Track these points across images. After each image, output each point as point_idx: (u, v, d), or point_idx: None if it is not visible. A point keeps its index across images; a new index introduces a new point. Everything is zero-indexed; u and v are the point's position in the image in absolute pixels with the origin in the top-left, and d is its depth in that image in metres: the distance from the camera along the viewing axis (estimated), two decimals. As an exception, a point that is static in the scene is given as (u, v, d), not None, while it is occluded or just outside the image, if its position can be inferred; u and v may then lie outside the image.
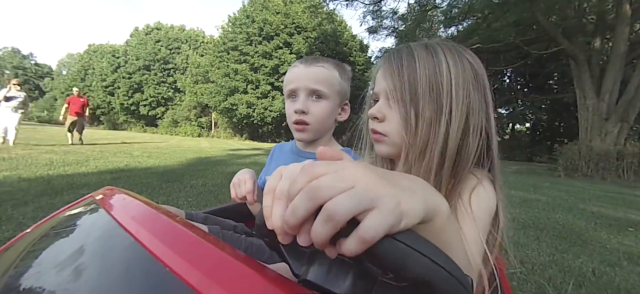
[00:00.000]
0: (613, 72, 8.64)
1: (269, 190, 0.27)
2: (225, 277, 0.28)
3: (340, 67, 0.89)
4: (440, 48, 0.51)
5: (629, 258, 2.09)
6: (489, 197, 0.49)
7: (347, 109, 0.92)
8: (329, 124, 0.89)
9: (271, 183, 0.27)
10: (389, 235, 0.22)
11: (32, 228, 0.58)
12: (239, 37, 23.42)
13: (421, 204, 0.25)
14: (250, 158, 7.75)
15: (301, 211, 0.22)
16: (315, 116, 0.84)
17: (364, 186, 0.23)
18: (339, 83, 0.87)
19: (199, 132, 29.66)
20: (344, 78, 0.89)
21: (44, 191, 2.69)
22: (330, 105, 0.85)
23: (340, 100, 0.89)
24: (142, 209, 0.46)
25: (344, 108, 0.91)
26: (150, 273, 0.32)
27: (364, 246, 0.21)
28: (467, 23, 13.11)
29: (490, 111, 0.52)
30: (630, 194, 5.42)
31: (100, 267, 0.37)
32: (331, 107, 0.86)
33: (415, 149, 0.50)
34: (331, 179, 0.23)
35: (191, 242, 0.35)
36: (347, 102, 0.92)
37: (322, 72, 0.84)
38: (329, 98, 0.85)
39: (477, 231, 0.46)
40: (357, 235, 0.21)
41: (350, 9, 56.56)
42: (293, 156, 0.94)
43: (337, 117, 0.90)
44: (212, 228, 0.73)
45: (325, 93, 0.84)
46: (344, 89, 0.89)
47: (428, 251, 0.23)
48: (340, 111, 0.90)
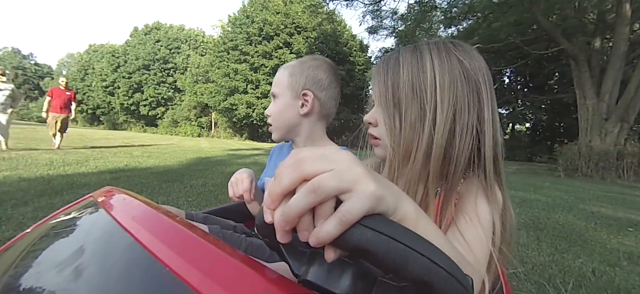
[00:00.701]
0: (613, 72, 8.63)
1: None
2: (225, 277, 0.28)
3: (294, 64, 0.91)
4: (428, 49, 0.51)
5: (629, 258, 2.09)
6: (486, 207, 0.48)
7: (309, 99, 0.88)
8: (287, 119, 0.90)
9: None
10: (389, 235, 0.23)
11: (32, 228, 0.58)
12: (239, 37, 23.43)
13: (396, 198, 0.26)
14: (250, 158, 7.75)
15: (286, 181, 0.23)
16: (272, 114, 0.91)
17: (346, 167, 0.24)
18: (287, 78, 0.89)
19: (199, 132, 29.67)
20: (296, 72, 0.89)
21: (44, 191, 2.69)
22: (282, 101, 0.89)
23: (293, 93, 0.88)
24: (142, 209, 0.46)
25: (305, 99, 0.88)
26: (150, 273, 0.32)
27: (343, 227, 0.22)
28: (467, 23, 13.12)
29: (486, 110, 0.49)
30: (630, 194, 5.42)
31: (100, 267, 0.37)
32: (283, 103, 0.89)
33: (398, 153, 0.49)
34: (315, 156, 0.24)
35: (191, 242, 0.35)
36: (306, 92, 0.88)
37: (277, 76, 0.92)
38: (279, 96, 0.90)
39: (482, 236, 0.45)
40: (337, 217, 0.22)
41: (350, 9, 56.64)
42: None
43: (299, 111, 0.89)
44: (212, 227, 0.73)
45: (276, 92, 0.90)
46: (295, 81, 0.88)
47: (427, 251, 0.23)
48: (301, 104, 0.88)
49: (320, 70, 0.90)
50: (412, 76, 0.49)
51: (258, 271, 0.28)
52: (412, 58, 0.51)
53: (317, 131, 0.93)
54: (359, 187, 0.23)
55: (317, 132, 0.93)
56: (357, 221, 0.22)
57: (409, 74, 0.50)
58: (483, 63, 0.52)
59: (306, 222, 0.24)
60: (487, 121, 0.49)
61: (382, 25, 14.42)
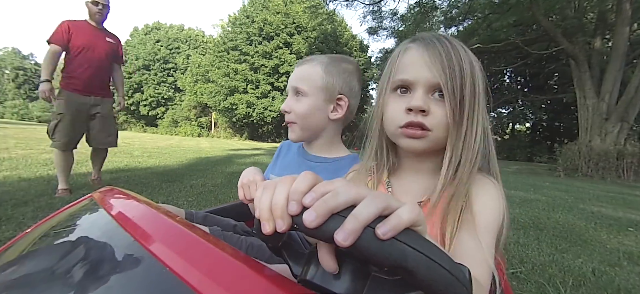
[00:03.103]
0: (613, 72, 8.64)
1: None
2: (225, 277, 0.28)
3: (332, 61, 0.84)
4: (467, 49, 0.53)
5: (629, 258, 2.09)
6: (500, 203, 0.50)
7: (343, 105, 0.84)
8: (315, 121, 0.84)
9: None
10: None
11: (32, 228, 0.58)
12: (239, 37, 23.43)
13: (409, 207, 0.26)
14: (251, 158, 7.75)
15: (342, 198, 0.24)
16: (297, 113, 0.83)
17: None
18: (321, 78, 0.82)
19: (199, 132, 29.67)
20: (332, 73, 0.83)
21: (44, 191, 2.69)
22: (311, 102, 0.82)
23: (327, 95, 0.83)
24: (142, 209, 0.47)
25: (339, 104, 0.85)
26: (150, 273, 0.32)
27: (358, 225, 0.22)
28: (467, 23, 13.13)
29: (486, 110, 0.54)
30: (630, 194, 5.42)
31: (100, 267, 0.37)
32: (313, 104, 0.82)
33: (459, 143, 0.50)
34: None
35: (191, 242, 0.35)
36: (341, 97, 0.84)
37: (304, 70, 0.83)
38: (309, 95, 0.82)
39: (491, 234, 0.47)
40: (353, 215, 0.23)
41: (350, 10, 56.51)
42: (299, 158, 0.93)
43: (329, 115, 0.84)
44: (213, 228, 0.73)
45: (305, 90, 0.82)
46: (330, 84, 0.82)
47: (427, 250, 0.23)
48: (332, 107, 0.84)
49: (353, 76, 0.86)
50: (471, 71, 0.50)
51: (258, 271, 0.29)
52: (465, 53, 0.51)
53: (337, 136, 0.91)
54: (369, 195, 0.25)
55: (336, 137, 0.91)
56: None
57: (469, 68, 0.50)
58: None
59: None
60: (488, 120, 0.53)
61: (382, 26, 14.44)
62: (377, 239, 0.22)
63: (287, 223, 0.25)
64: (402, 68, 0.53)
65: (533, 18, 9.86)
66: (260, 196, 0.28)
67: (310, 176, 0.26)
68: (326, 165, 0.86)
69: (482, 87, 0.52)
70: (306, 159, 0.90)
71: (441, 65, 0.49)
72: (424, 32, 0.55)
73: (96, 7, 2.66)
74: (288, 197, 0.25)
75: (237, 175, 4.53)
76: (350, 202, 0.24)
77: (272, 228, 0.26)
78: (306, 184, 0.26)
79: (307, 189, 0.25)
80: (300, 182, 0.26)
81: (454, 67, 0.49)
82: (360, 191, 0.24)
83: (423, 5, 12.53)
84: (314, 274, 0.27)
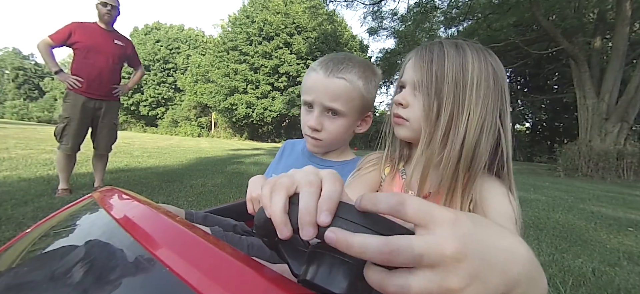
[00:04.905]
0: (613, 72, 8.64)
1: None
2: (225, 277, 0.28)
3: (366, 76, 0.77)
4: (469, 48, 0.55)
5: (629, 258, 2.09)
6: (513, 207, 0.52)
7: (369, 120, 0.84)
8: (344, 139, 0.84)
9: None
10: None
11: (32, 228, 0.58)
12: (239, 37, 23.44)
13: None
14: (251, 158, 7.75)
15: (383, 206, 0.24)
16: (329, 132, 0.78)
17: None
18: (361, 97, 0.76)
19: (199, 132, 29.69)
20: (370, 88, 0.78)
21: (44, 191, 2.69)
22: (347, 122, 0.78)
23: (360, 114, 0.81)
24: (142, 209, 0.46)
25: (366, 119, 0.84)
26: (151, 273, 0.32)
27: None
28: (467, 23, 13.14)
29: (506, 115, 0.55)
30: (630, 194, 5.42)
31: (100, 267, 0.37)
32: (348, 124, 0.79)
33: (436, 138, 0.53)
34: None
35: (191, 242, 0.35)
36: (370, 114, 0.83)
37: (341, 87, 0.74)
38: (346, 116, 0.77)
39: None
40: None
41: (350, 10, 56.49)
42: (304, 159, 0.92)
43: (355, 129, 0.83)
44: (215, 228, 0.73)
45: (342, 111, 0.75)
46: (367, 101, 0.79)
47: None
48: (359, 123, 0.83)
49: (377, 88, 0.84)
50: (456, 70, 0.53)
51: (258, 271, 0.28)
52: (456, 54, 0.54)
53: (348, 141, 0.91)
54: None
55: (347, 143, 0.91)
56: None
57: (453, 68, 0.53)
58: (503, 69, 0.58)
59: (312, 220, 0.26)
60: (507, 123, 0.55)
61: (382, 26, 14.45)
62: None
63: (316, 233, 0.25)
64: (402, 71, 0.62)
65: (533, 18, 9.86)
66: (269, 195, 0.28)
67: (339, 184, 0.27)
68: (333, 168, 0.85)
69: (481, 86, 0.53)
70: (312, 161, 0.89)
71: (420, 67, 0.56)
72: (430, 41, 0.59)
73: (105, 8, 2.66)
74: (318, 205, 0.25)
75: (237, 175, 4.52)
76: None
77: (290, 231, 0.26)
78: (338, 194, 0.26)
79: (338, 198, 0.26)
80: (334, 191, 0.26)
81: (432, 69, 0.54)
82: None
83: (423, 5, 12.55)
84: (314, 274, 0.27)
